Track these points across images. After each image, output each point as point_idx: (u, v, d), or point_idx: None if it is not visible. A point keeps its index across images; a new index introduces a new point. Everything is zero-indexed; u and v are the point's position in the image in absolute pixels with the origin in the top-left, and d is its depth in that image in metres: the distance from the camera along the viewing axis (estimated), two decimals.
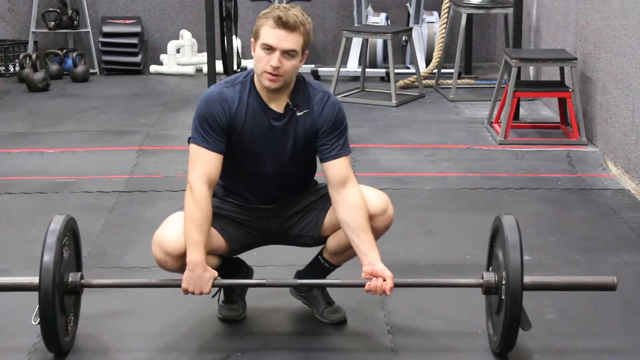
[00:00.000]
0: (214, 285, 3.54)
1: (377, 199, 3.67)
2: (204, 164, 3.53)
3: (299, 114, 3.58)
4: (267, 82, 3.48)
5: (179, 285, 3.51)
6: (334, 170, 3.59)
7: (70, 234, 3.61)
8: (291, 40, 3.44)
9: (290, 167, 3.65)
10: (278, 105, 3.57)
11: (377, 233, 3.66)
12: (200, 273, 3.48)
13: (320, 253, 3.83)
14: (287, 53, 3.44)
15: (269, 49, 3.44)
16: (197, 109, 3.57)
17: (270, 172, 3.63)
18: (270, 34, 3.44)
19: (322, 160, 3.62)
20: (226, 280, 3.68)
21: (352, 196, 3.57)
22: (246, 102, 3.56)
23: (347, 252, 3.71)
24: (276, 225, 3.73)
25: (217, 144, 3.53)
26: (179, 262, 3.54)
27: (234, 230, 3.69)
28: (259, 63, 3.47)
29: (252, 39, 3.52)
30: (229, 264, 3.83)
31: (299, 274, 3.91)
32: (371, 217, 3.60)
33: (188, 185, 3.54)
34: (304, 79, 3.64)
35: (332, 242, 3.74)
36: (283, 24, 3.42)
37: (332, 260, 3.81)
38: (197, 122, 3.55)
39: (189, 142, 3.58)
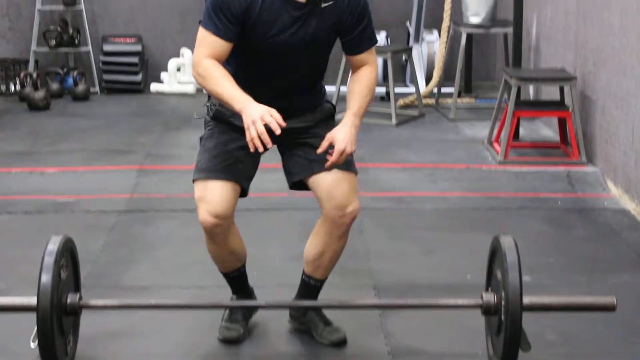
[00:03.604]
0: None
1: (340, 198, 3.63)
2: (210, 47, 3.50)
3: (324, 5, 3.51)
4: None
5: (179, 307, 3.50)
6: (357, 61, 3.64)
7: (68, 254, 3.61)
8: None
9: (305, 59, 3.58)
10: None
11: (339, 232, 3.67)
12: (256, 105, 3.39)
13: (303, 272, 3.83)
14: None
15: None
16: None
17: (284, 65, 3.56)
18: None
19: (348, 54, 3.63)
20: (226, 302, 3.67)
21: (361, 73, 3.62)
22: None
23: (324, 258, 3.72)
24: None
25: (227, 31, 3.47)
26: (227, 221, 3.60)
27: (235, 161, 3.64)
28: None
29: None
30: (242, 292, 3.87)
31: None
32: (331, 218, 3.62)
33: (194, 63, 3.52)
34: None
35: (308, 249, 3.76)
36: None
37: (315, 274, 3.80)
38: (210, 7, 3.50)
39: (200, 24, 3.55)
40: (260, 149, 3.36)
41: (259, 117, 3.34)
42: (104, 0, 9.42)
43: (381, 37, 8.88)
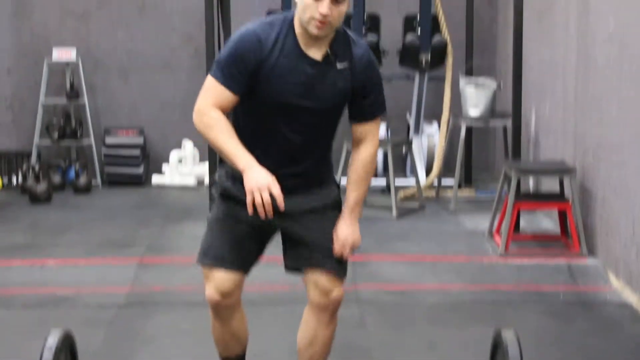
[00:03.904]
0: None
1: (325, 284, 3.64)
2: (216, 98, 3.47)
3: (339, 66, 3.51)
4: (315, 29, 3.40)
5: None
6: (359, 132, 3.62)
7: (68, 349, 3.58)
8: None
9: (315, 120, 3.55)
10: (316, 53, 3.49)
11: (326, 318, 3.68)
12: (260, 170, 3.37)
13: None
14: (336, 0, 3.40)
15: None
16: (227, 46, 3.49)
17: (294, 124, 3.52)
18: None
19: (355, 120, 3.61)
20: None
21: (361, 153, 3.63)
22: (282, 44, 3.47)
23: (315, 346, 3.71)
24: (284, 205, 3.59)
25: (236, 84, 3.45)
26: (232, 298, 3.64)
27: (240, 247, 3.64)
28: (306, 10, 3.40)
29: None
30: None
31: None
32: (317, 303, 3.64)
33: (197, 112, 3.49)
34: (344, 29, 3.58)
35: (299, 338, 3.74)
36: None
37: None
38: (225, 58, 3.47)
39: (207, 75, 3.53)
40: (262, 217, 3.35)
41: (265, 186, 3.33)
42: (106, 93, 9.53)
43: (381, 129, 8.95)
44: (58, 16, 9.43)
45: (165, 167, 9.32)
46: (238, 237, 3.64)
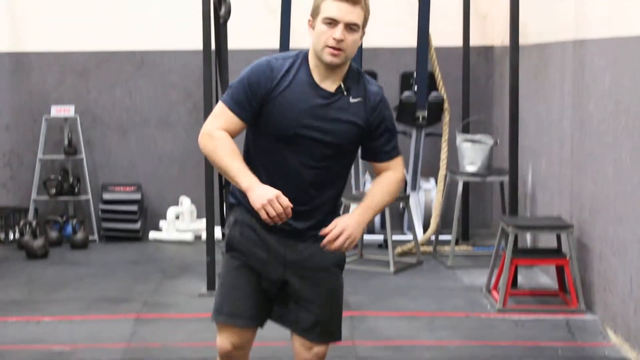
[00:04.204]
0: None
1: (305, 344, 3.67)
2: (225, 123, 3.50)
3: (352, 100, 3.51)
4: (329, 56, 3.42)
5: None
6: (380, 167, 3.64)
7: None
8: (355, 14, 3.43)
9: (326, 154, 3.53)
10: (329, 86, 3.51)
11: None
12: (263, 186, 3.38)
13: None
14: (350, 27, 3.42)
15: (332, 22, 3.41)
16: (240, 74, 3.53)
17: (303, 157, 3.51)
18: (333, 6, 3.41)
19: (371, 160, 3.64)
20: None
21: (386, 176, 3.63)
22: (294, 74, 3.50)
23: None
24: (292, 256, 3.62)
25: (244, 110, 3.48)
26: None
27: (253, 301, 3.63)
28: (320, 38, 3.43)
29: (309, 18, 3.50)
30: None
31: None
32: (301, 356, 3.68)
33: (203, 134, 3.50)
34: (358, 68, 3.59)
35: None
36: None
37: None
38: (235, 85, 3.52)
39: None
40: (280, 221, 3.35)
41: (273, 197, 3.32)
42: (104, 149, 9.56)
43: None
44: (57, 74, 9.49)
45: (162, 223, 9.32)
46: (250, 290, 3.63)
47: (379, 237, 8.71)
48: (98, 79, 9.53)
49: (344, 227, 3.47)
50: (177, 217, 9.29)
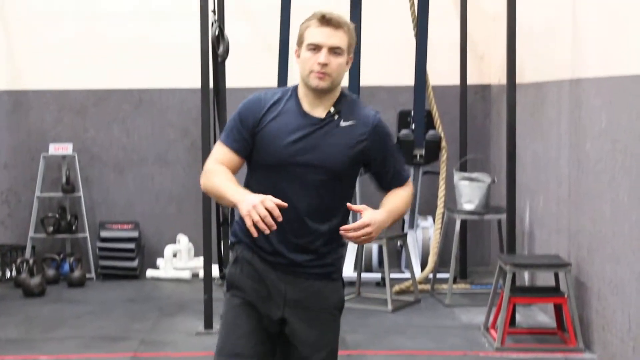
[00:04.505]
0: None
1: None
2: (219, 157, 3.54)
3: (343, 124, 3.51)
4: (315, 81, 3.45)
5: None
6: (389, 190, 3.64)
7: None
8: (337, 37, 3.46)
9: (323, 183, 3.50)
10: (319, 113, 3.52)
11: None
12: (251, 194, 3.35)
13: None
14: (334, 51, 3.45)
15: (316, 48, 3.45)
16: (234, 113, 3.58)
17: (297, 184, 3.49)
18: (316, 32, 3.46)
19: (379, 188, 3.63)
20: None
21: (398, 191, 3.65)
22: (283, 104, 3.53)
23: None
24: (292, 294, 3.57)
25: (237, 143, 3.52)
26: None
27: (256, 339, 3.57)
28: (305, 64, 3.47)
29: (296, 47, 3.54)
30: None
31: None
32: None
33: (203, 173, 3.53)
34: (353, 95, 3.60)
35: None
36: (327, 21, 3.47)
37: None
38: (229, 121, 3.58)
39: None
40: (267, 231, 3.28)
41: (258, 203, 3.29)
42: (102, 187, 9.57)
43: None
44: (55, 112, 9.52)
45: (160, 261, 9.31)
46: (251, 328, 3.59)
47: (377, 275, 8.70)
48: (96, 117, 9.56)
49: (370, 222, 3.42)
50: (175, 255, 9.28)
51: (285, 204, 3.33)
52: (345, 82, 8.57)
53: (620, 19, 5.93)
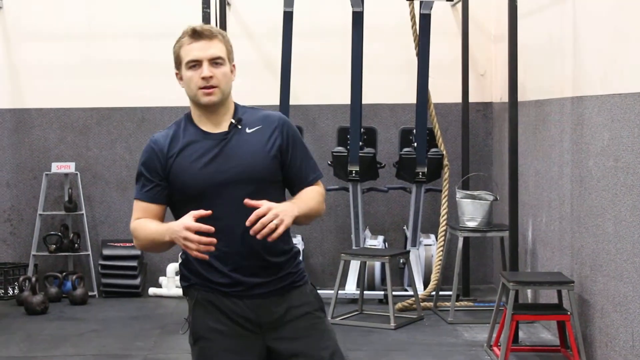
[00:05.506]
0: None
1: None
2: (139, 213, 3.44)
3: (249, 130, 3.40)
4: (205, 97, 3.36)
5: None
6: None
7: None
8: (214, 48, 3.38)
9: (247, 191, 3.32)
10: (222, 128, 3.41)
11: None
12: (176, 225, 3.27)
13: None
14: (215, 62, 3.36)
15: (195, 63, 3.38)
16: (138, 168, 3.50)
17: (227, 206, 3.33)
18: (191, 48, 3.39)
19: (293, 190, 3.47)
20: None
21: (311, 188, 3.48)
22: (182, 136, 3.43)
23: None
24: (266, 318, 3.41)
25: (152, 193, 3.42)
26: None
27: None
28: (190, 83, 3.39)
29: (175, 70, 3.46)
30: None
31: None
32: None
33: (132, 236, 3.46)
34: (245, 105, 3.50)
35: None
36: (200, 34, 3.38)
37: None
38: (137, 179, 3.48)
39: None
40: (212, 249, 3.19)
41: (182, 229, 3.22)
42: (104, 205, 9.57)
43: (379, 241, 8.97)
44: (58, 130, 9.54)
45: (162, 279, 9.31)
46: (227, 355, 3.40)
47: (380, 293, 8.69)
48: (98, 136, 9.58)
49: (271, 206, 3.23)
50: (177, 273, 9.27)
51: (210, 212, 3.24)
52: (347, 99, 8.65)
53: (622, 37, 5.95)
